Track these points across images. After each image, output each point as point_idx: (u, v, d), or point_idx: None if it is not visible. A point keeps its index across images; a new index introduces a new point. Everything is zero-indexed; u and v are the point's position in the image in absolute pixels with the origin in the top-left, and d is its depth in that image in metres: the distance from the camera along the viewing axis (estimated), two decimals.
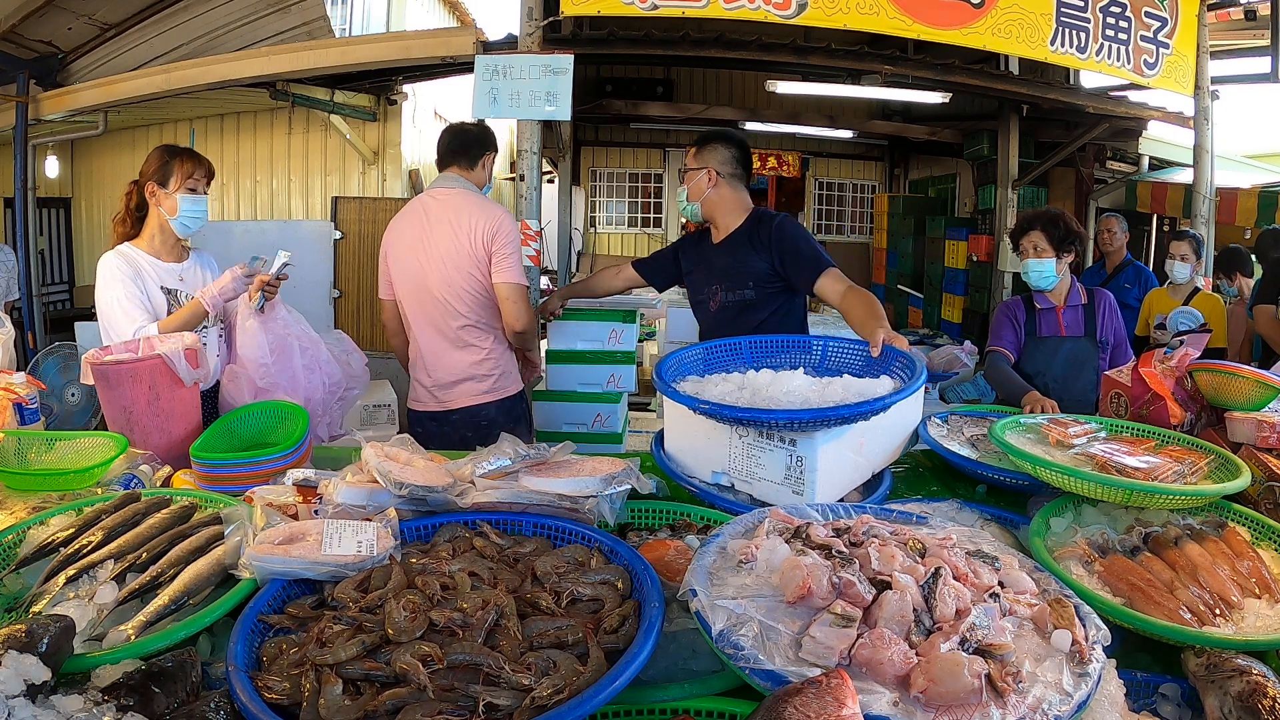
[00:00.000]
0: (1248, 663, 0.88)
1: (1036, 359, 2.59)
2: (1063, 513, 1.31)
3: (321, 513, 1.18)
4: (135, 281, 2.09)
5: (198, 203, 2.18)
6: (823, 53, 4.55)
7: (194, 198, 2.17)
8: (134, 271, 2.11)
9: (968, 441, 1.69)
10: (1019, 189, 6.58)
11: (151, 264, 2.16)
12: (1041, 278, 2.57)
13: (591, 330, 2.93)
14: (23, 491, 1.42)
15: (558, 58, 3.72)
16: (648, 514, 1.33)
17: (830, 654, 0.79)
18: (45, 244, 7.16)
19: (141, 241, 2.20)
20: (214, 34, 5.43)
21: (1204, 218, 4.80)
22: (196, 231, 2.24)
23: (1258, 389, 1.63)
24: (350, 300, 5.63)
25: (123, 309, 2.05)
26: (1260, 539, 1.23)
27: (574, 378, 2.94)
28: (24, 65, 5.24)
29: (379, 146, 7.29)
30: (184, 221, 2.18)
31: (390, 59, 5.12)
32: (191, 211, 2.17)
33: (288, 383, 2.05)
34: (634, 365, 2.97)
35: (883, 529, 1.04)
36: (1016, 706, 0.75)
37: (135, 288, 2.08)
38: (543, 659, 0.84)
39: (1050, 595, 0.93)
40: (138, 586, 1.02)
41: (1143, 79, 4.45)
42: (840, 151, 9.42)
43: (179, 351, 1.67)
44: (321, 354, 2.17)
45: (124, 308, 2.05)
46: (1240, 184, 5.53)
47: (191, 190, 2.17)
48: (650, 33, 4.48)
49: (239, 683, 0.80)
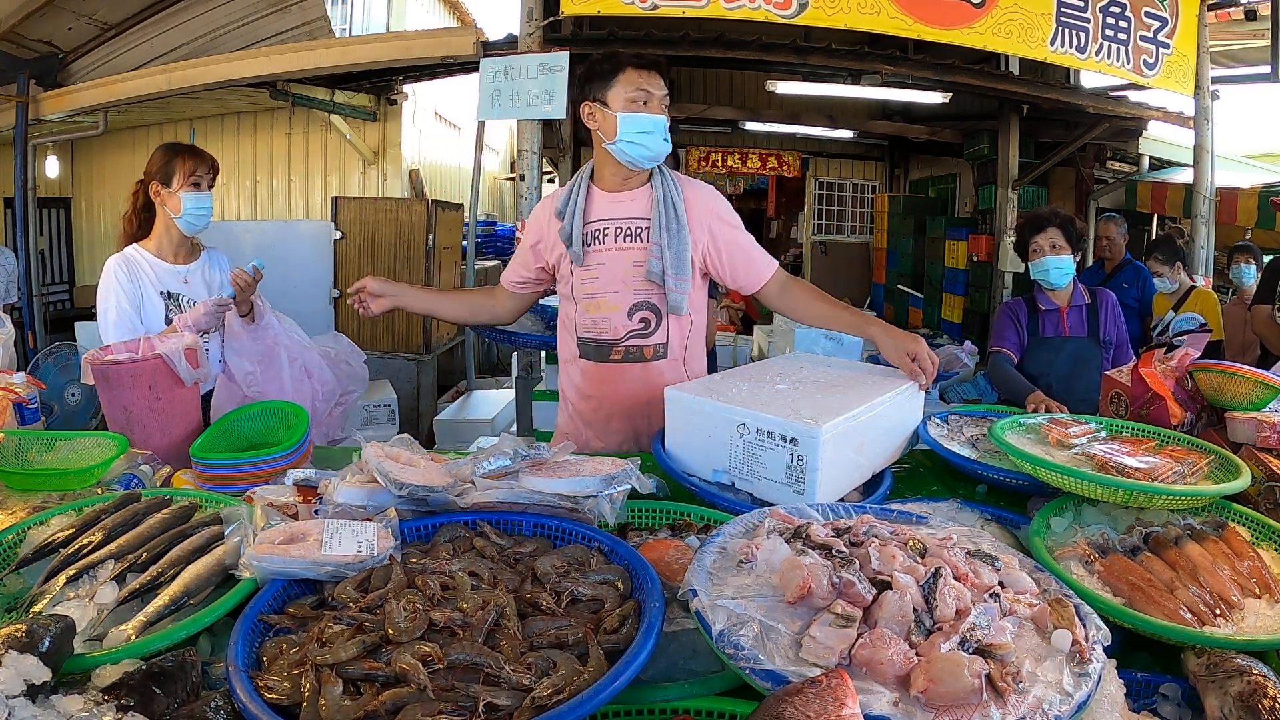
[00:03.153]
0: (1248, 663, 0.88)
1: (1039, 359, 2.58)
2: (1063, 513, 1.31)
3: (321, 513, 1.18)
4: (131, 292, 2.10)
5: (201, 200, 2.17)
6: (823, 53, 4.55)
7: (198, 194, 2.15)
8: (132, 279, 2.12)
9: (968, 441, 1.69)
10: (1019, 189, 6.59)
11: (155, 266, 2.17)
12: (1062, 275, 2.55)
13: None
14: (23, 491, 1.41)
15: (553, 56, 3.73)
16: (648, 514, 1.33)
17: (830, 654, 0.79)
18: (45, 244, 7.16)
19: (149, 242, 2.20)
20: (214, 34, 5.44)
21: (1204, 218, 4.80)
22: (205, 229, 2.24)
23: (1258, 389, 1.63)
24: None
25: (112, 323, 2.07)
26: (1260, 539, 1.23)
27: None
28: (24, 65, 5.25)
29: (379, 146, 7.30)
30: (189, 219, 2.17)
31: (390, 59, 5.13)
32: (195, 209, 2.16)
33: (275, 392, 2.06)
34: None
35: (883, 529, 1.04)
36: (1017, 706, 0.75)
37: (128, 302, 2.09)
38: (543, 659, 0.84)
39: (1050, 595, 0.93)
40: (138, 586, 1.02)
41: (1143, 79, 4.46)
42: (840, 151, 9.42)
43: (179, 351, 1.67)
44: (313, 361, 2.16)
45: (113, 321, 2.08)
46: (1240, 184, 5.53)
47: (195, 186, 2.15)
48: (650, 33, 4.48)
49: (239, 683, 0.80)
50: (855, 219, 9.78)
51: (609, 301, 1.90)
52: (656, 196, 1.87)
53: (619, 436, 1.94)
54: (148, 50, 5.45)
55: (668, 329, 1.92)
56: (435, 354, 5.69)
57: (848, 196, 9.74)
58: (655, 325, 1.91)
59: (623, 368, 1.91)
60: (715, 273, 1.97)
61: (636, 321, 1.91)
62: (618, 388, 1.92)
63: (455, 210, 6.08)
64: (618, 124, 1.79)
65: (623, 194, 1.89)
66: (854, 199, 9.75)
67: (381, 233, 5.52)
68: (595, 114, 1.83)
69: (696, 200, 1.91)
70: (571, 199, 1.89)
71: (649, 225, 1.87)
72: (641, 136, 1.79)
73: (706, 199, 1.93)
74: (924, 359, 1.65)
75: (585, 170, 1.94)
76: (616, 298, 1.89)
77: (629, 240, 1.88)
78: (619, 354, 1.91)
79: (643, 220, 1.88)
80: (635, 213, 1.89)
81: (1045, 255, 2.55)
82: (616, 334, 1.90)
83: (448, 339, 6.04)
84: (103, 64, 5.50)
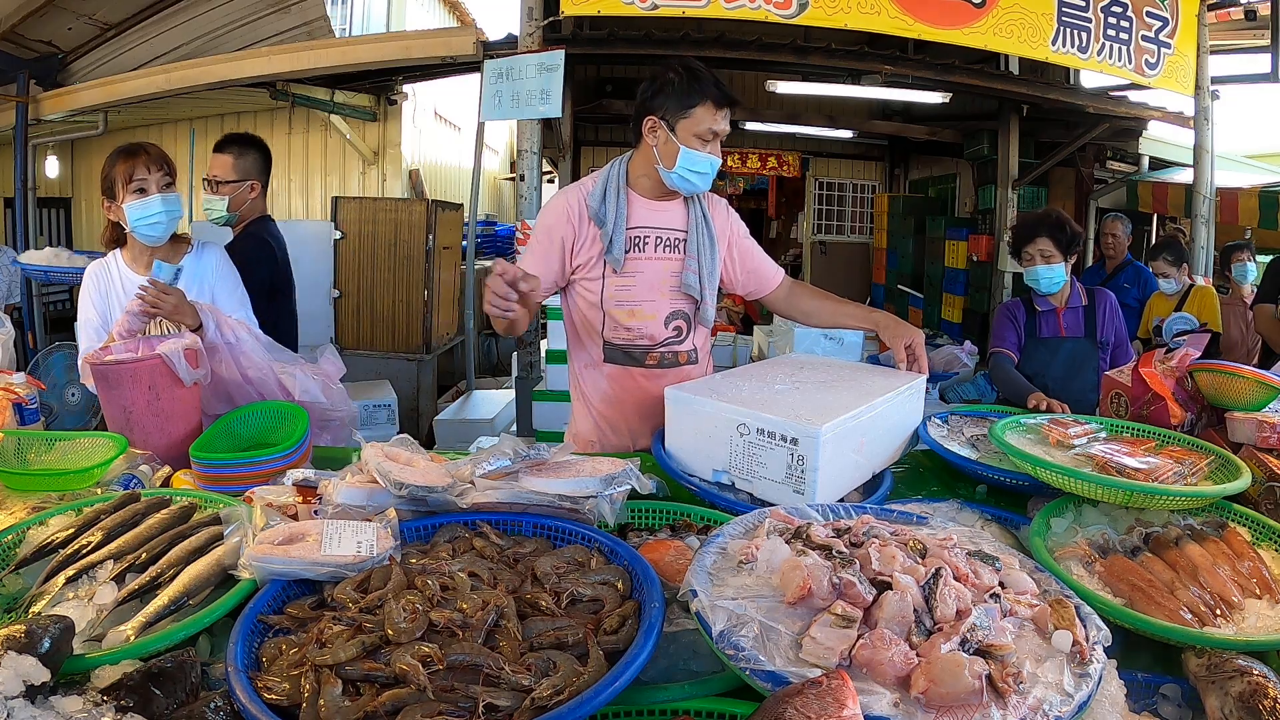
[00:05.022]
0: (1248, 663, 0.88)
1: (1036, 360, 2.59)
2: (1063, 513, 1.31)
3: (321, 513, 1.18)
4: (99, 304, 1.97)
5: (148, 206, 1.87)
6: (823, 53, 4.55)
7: (144, 202, 1.87)
8: (100, 291, 1.98)
9: (968, 442, 1.69)
10: (1019, 189, 6.58)
11: (125, 278, 1.99)
12: (1052, 284, 2.56)
13: None
14: (23, 491, 1.41)
15: (549, 55, 3.73)
16: (648, 514, 1.33)
17: (830, 654, 0.79)
18: (45, 244, 7.16)
19: (127, 250, 2.02)
20: (214, 34, 5.44)
21: (1204, 218, 4.80)
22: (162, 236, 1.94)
23: (1258, 389, 1.63)
24: (350, 300, 5.63)
25: (85, 334, 1.96)
26: (1261, 539, 1.23)
27: None
28: (24, 65, 5.25)
29: (379, 146, 7.30)
30: (141, 231, 1.90)
31: (390, 59, 5.13)
32: (142, 217, 1.88)
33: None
34: None
35: (883, 529, 1.03)
36: (1017, 707, 0.75)
37: (95, 312, 1.96)
38: (543, 659, 0.84)
39: (1051, 596, 0.93)
40: (137, 587, 1.02)
41: (1144, 79, 4.46)
42: (840, 151, 9.42)
43: (179, 351, 1.67)
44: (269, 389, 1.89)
45: (85, 333, 1.96)
46: (1240, 184, 5.54)
47: (140, 193, 1.87)
48: (650, 33, 4.48)
49: (238, 683, 0.80)
50: (855, 219, 9.77)
51: (645, 310, 1.89)
52: (694, 211, 1.91)
53: (648, 440, 1.88)
54: (148, 50, 5.45)
55: (695, 335, 1.96)
56: (435, 354, 5.69)
57: (848, 196, 9.74)
58: (688, 332, 1.95)
59: (658, 372, 1.92)
60: (729, 283, 2.03)
61: (671, 330, 1.92)
62: (651, 392, 1.89)
63: (455, 210, 6.08)
64: (679, 156, 1.77)
65: (661, 203, 1.90)
66: (854, 199, 9.74)
67: (381, 233, 5.52)
68: (659, 132, 1.80)
69: (718, 214, 1.96)
70: (611, 203, 1.84)
71: (685, 237, 1.89)
72: (696, 176, 1.80)
73: (725, 212, 1.99)
74: (919, 353, 1.75)
75: (617, 173, 1.88)
76: (653, 306, 1.89)
77: (668, 250, 1.89)
78: (654, 359, 1.92)
79: (679, 232, 1.90)
80: (673, 223, 1.90)
81: (1035, 264, 2.56)
82: (654, 340, 1.91)
83: (447, 339, 6.03)
84: (103, 64, 5.50)
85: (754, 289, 2.06)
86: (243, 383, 1.88)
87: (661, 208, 1.90)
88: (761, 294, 2.05)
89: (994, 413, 1.88)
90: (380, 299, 5.60)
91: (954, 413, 1.86)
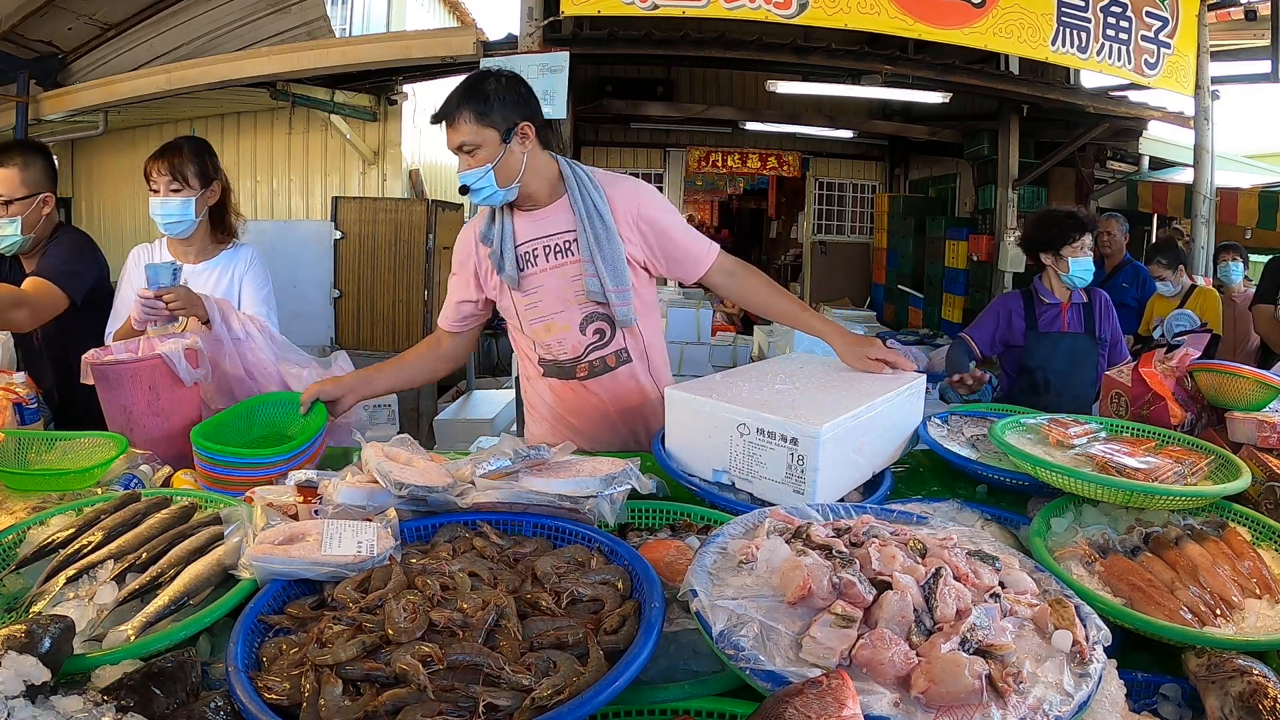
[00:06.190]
0: (1248, 663, 0.88)
1: (1038, 353, 2.61)
2: (1063, 513, 1.31)
3: (321, 513, 1.18)
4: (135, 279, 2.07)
5: (164, 204, 2.04)
6: (823, 52, 4.55)
7: (158, 200, 2.04)
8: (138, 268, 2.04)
9: (968, 442, 1.69)
10: (1019, 189, 6.59)
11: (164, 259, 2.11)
12: (1090, 275, 2.64)
13: None
14: (23, 491, 1.41)
15: (553, 56, 3.74)
16: (648, 514, 1.33)
17: (830, 654, 0.79)
18: None
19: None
20: (214, 34, 5.44)
21: (1204, 218, 4.81)
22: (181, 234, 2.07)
23: (1258, 389, 1.63)
24: (350, 300, 5.64)
25: (118, 315, 2.07)
26: (1261, 539, 1.23)
27: None
28: (24, 65, 5.25)
29: (379, 146, 7.30)
30: (160, 225, 2.08)
31: (390, 59, 5.13)
32: (158, 214, 2.05)
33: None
34: None
35: (883, 529, 1.03)
36: (1017, 707, 0.75)
37: (129, 288, 2.07)
38: (543, 659, 0.84)
39: (1051, 595, 0.93)
40: (138, 587, 1.02)
41: (1144, 79, 4.46)
42: (840, 151, 9.43)
43: (179, 351, 1.67)
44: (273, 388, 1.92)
45: (120, 313, 2.08)
46: (1240, 184, 5.54)
47: (154, 192, 2.04)
48: (650, 33, 4.48)
49: (239, 683, 0.80)
50: (855, 219, 9.79)
51: (558, 322, 1.84)
52: (576, 207, 1.78)
53: (609, 446, 1.90)
54: (148, 50, 5.45)
55: (623, 333, 1.87)
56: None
57: (848, 196, 9.75)
58: (611, 333, 1.86)
59: (591, 384, 1.87)
60: (654, 269, 1.90)
61: (591, 334, 1.85)
62: (593, 403, 1.88)
63: (455, 210, 6.08)
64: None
65: (541, 211, 1.82)
66: (854, 199, 9.75)
67: (381, 233, 5.53)
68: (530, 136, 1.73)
69: (620, 199, 1.81)
70: (496, 224, 1.81)
71: (575, 236, 1.79)
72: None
73: (630, 195, 1.83)
74: (890, 357, 1.68)
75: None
76: (564, 317, 1.83)
77: (560, 256, 1.81)
78: (584, 371, 1.87)
79: (568, 233, 1.80)
80: (559, 227, 1.81)
81: (1080, 257, 2.61)
82: (576, 351, 1.85)
83: None
84: (103, 64, 5.51)
85: (683, 273, 1.89)
86: (245, 377, 1.92)
87: (544, 214, 1.81)
88: (694, 278, 1.88)
89: (994, 413, 1.88)
90: (380, 299, 5.61)
91: (954, 413, 1.86)
